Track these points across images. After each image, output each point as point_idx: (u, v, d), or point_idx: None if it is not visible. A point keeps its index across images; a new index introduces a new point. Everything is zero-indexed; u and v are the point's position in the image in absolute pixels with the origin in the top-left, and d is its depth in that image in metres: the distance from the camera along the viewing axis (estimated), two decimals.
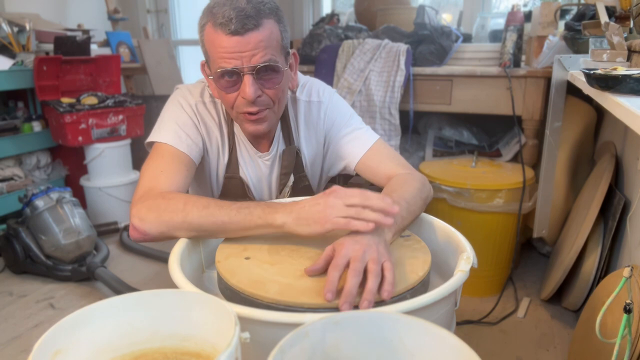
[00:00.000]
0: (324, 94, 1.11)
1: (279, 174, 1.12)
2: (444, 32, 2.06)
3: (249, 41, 0.88)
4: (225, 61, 0.90)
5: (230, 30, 0.87)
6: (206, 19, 0.92)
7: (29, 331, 1.62)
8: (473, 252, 0.79)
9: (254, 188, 1.12)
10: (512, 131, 2.15)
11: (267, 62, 0.91)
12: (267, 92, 0.95)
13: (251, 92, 0.91)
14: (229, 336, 0.50)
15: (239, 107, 0.96)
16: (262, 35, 0.89)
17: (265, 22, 0.89)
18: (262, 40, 0.89)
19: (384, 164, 1.05)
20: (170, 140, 0.98)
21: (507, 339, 1.56)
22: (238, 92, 0.94)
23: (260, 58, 0.90)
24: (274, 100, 0.97)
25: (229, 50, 0.89)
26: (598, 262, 1.51)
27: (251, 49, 0.89)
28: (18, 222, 2.00)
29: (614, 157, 1.62)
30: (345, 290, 0.64)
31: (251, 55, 0.89)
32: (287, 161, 1.10)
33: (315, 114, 1.10)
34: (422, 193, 0.95)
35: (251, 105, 0.94)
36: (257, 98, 0.94)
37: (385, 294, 0.66)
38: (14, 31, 2.30)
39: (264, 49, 0.90)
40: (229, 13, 0.87)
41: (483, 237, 1.76)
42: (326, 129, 1.11)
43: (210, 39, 0.91)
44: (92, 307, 0.57)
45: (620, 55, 1.19)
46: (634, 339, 0.91)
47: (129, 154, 2.53)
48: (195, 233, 0.83)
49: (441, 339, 0.51)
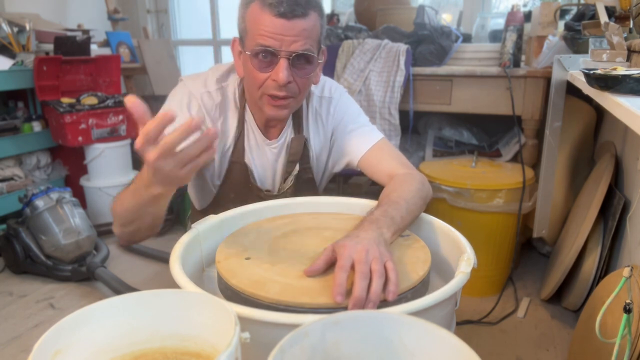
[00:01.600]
0: (335, 91, 1.14)
1: (285, 161, 1.13)
2: (444, 32, 2.06)
3: (294, 27, 0.90)
4: (265, 40, 0.91)
5: (279, 12, 0.89)
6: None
7: (29, 331, 1.62)
8: (473, 252, 0.79)
9: (257, 174, 1.13)
10: (512, 131, 2.15)
11: (305, 51, 0.93)
12: (298, 80, 0.96)
13: (284, 76, 0.92)
14: (229, 336, 0.50)
15: (267, 89, 0.97)
16: (307, 24, 0.91)
17: (312, 13, 0.92)
18: (305, 29, 0.91)
19: (385, 161, 1.06)
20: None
21: (507, 339, 1.56)
22: (269, 74, 0.95)
23: (300, 46, 0.92)
24: (301, 89, 0.99)
25: (272, 30, 0.90)
26: (598, 262, 1.51)
27: (294, 34, 0.91)
28: (18, 222, 2.00)
29: (614, 157, 1.62)
30: (355, 294, 0.64)
31: (292, 41, 0.91)
32: (295, 149, 1.11)
33: (325, 109, 1.13)
34: (421, 192, 0.95)
35: (280, 89, 0.96)
36: (288, 84, 0.95)
37: (390, 296, 0.66)
38: (14, 31, 2.30)
39: (305, 37, 0.92)
40: None
41: (483, 237, 1.76)
42: (334, 125, 1.14)
43: (254, 16, 0.92)
44: (92, 307, 0.57)
45: (620, 55, 1.19)
46: (634, 338, 0.91)
47: (129, 154, 2.53)
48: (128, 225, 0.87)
49: (441, 339, 0.51)
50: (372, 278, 0.66)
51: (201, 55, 3.70)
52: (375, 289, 0.65)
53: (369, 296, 0.65)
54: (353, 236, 0.74)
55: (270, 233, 0.89)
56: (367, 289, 0.66)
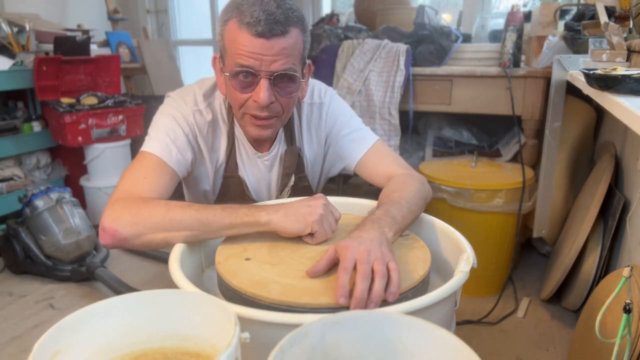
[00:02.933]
0: (325, 95, 1.11)
1: (279, 174, 1.12)
2: (444, 32, 2.06)
3: (273, 46, 0.87)
4: (244, 59, 0.88)
5: (257, 31, 0.85)
6: (231, 14, 0.89)
7: (29, 331, 1.62)
8: (473, 252, 0.79)
9: (252, 188, 1.12)
10: (511, 131, 2.15)
11: (286, 70, 0.90)
12: (280, 99, 0.94)
13: (265, 97, 0.90)
14: (229, 336, 0.50)
15: (248, 109, 0.95)
16: (287, 42, 0.88)
17: (292, 31, 0.88)
18: (285, 47, 0.88)
19: (383, 164, 1.05)
20: (159, 152, 0.95)
21: (507, 339, 1.56)
22: (251, 95, 0.92)
23: (281, 65, 0.89)
24: (284, 108, 0.96)
25: (251, 50, 0.87)
26: (598, 262, 1.51)
27: (274, 54, 0.87)
28: (18, 222, 2.00)
29: (614, 157, 1.62)
30: (357, 295, 0.64)
31: (272, 60, 0.88)
32: (289, 162, 1.10)
33: (317, 115, 1.10)
34: (421, 193, 0.95)
35: (262, 110, 0.93)
36: (270, 104, 0.92)
37: (391, 297, 0.66)
38: (13, 31, 2.30)
39: (285, 56, 0.89)
40: (259, 14, 0.85)
41: (483, 237, 1.76)
42: (327, 130, 1.11)
43: (233, 36, 0.89)
44: (92, 307, 0.57)
45: (620, 56, 1.19)
46: (634, 338, 0.91)
47: (129, 154, 2.53)
48: (175, 232, 0.81)
49: (441, 339, 0.51)
50: (374, 278, 0.66)
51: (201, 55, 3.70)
52: (376, 289, 0.65)
53: (370, 297, 0.65)
54: (355, 237, 0.74)
55: (270, 233, 0.88)
56: (369, 289, 0.66)
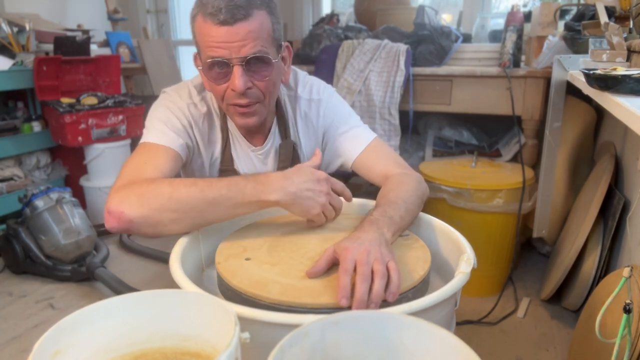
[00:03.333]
0: (324, 92, 1.11)
1: (274, 168, 1.12)
2: (444, 32, 2.06)
3: (238, 32, 0.87)
4: (214, 51, 0.88)
5: (219, 20, 0.86)
6: (197, 9, 0.90)
7: (29, 331, 1.62)
8: (473, 252, 0.79)
9: None
10: (511, 131, 2.15)
11: (256, 53, 0.89)
12: (257, 84, 0.93)
13: (241, 84, 0.90)
14: (229, 336, 0.50)
15: (229, 99, 0.95)
16: (252, 25, 0.88)
17: (256, 13, 0.88)
18: (251, 31, 0.88)
19: (380, 162, 1.05)
20: (158, 139, 0.96)
21: (507, 339, 1.56)
22: (228, 84, 0.92)
23: (250, 49, 0.89)
24: (264, 92, 0.95)
25: (218, 40, 0.87)
26: (598, 262, 1.51)
27: (240, 39, 0.87)
28: (18, 222, 2.00)
29: (614, 157, 1.62)
30: (357, 297, 0.64)
31: (240, 45, 0.88)
32: (284, 155, 1.10)
33: (315, 111, 1.10)
34: (418, 192, 0.95)
35: (241, 97, 0.93)
36: (247, 90, 0.92)
37: (391, 297, 0.66)
38: (13, 31, 2.30)
39: (253, 39, 0.88)
40: (219, 3, 0.86)
41: (483, 237, 1.76)
42: (325, 127, 1.11)
43: (200, 29, 0.90)
44: (92, 307, 0.57)
45: (620, 56, 1.19)
46: (634, 339, 0.91)
47: (129, 154, 2.50)
48: (181, 214, 0.81)
49: (441, 339, 0.51)
50: (374, 279, 0.66)
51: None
52: (376, 290, 0.65)
53: (370, 297, 0.65)
54: (354, 238, 0.74)
55: (270, 233, 0.89)
56: (370, 290, 0.66)
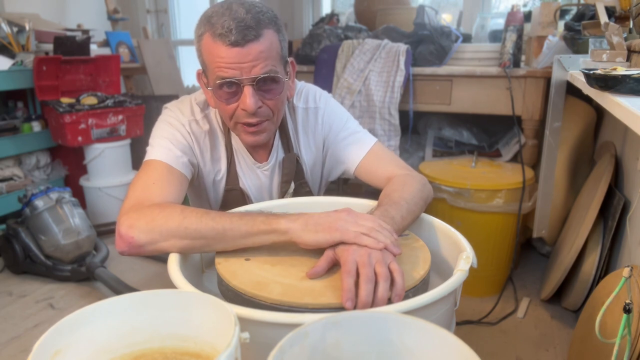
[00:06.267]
0: (320, 99, 1.10)
1: (279, 182, 1.11)
2: (444, 32, 2.06)
3: (249, 52, 0.86)
4: (224, 71, 0.88)
5: (230, 41, 0.85)
6: (204, 28, 0.89)
7: (29, 331, 1.62)
8: (473, 252, 0.79)
9: (254, 199, 1.11)
10: (511, 131, 2.15)
11: (267, 73, 0.89)
12: (268, 102, 0.93)
13: (252, 104, 0.89)
14: (228, 336, 0.50)
15: (239, 118, 0.94)
16: (263, 46, 0.87)
17: (265, 33, 0.88)
18: (262, 51, 0.87)
19: (383, 166, 1.05)
20: (163, 157, 0.95)
21: (507, 339, 1.56)
22: (238, 103, 0.92)
23: (261, 69, 0.88)
24: (273, 111, 0.96)
25: (228, 61, 0.87)
26: (598, 262, 1.51)
27: (251, 60, 0.87)
28: (18, 222, 2.00)
29: (614, 157, 1.62)
30: (362, 299, 0.64)
31: (251, 66, 0.87)
32: (288, 169, 1.09)
33: (313, 120, 1.10)
34: (422, 193, 0.95)
35: (251, 117, 0.93)
36: (258, 109, 0.92)
37: (397, 299, 0.66)
38: (13, 31, 2.30)
39: (264, 59, 0.88)
40: (229, 23, 0.85)
41: (483, 237, 1.76)
42: (324, 134, 1.11)
43: (209, 50, 0.89)
44: (92, 307, 0.57)
45: (620, 56, 1.19)
46: (634, 339, 0.91)
47: (129, 154, 2.53)
48: (190, 241, 0.79)
49: (441, 338, 0.51)
50: (378, 281, 0.66)
51: None
52: (381, 293, 0.65)
53: (375, 300, 0.65)
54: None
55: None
56: (374, 291, 0.66)
